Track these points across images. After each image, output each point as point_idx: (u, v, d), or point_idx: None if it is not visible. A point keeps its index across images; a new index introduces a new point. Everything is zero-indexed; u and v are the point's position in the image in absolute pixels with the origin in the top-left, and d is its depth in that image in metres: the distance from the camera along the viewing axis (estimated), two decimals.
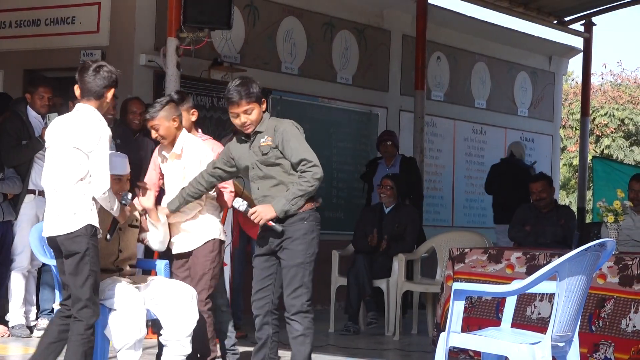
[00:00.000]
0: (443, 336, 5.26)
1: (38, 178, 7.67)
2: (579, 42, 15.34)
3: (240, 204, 5.87)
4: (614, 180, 13.83)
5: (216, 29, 9.33)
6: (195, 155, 6.25)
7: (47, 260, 6.00)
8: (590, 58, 15.10)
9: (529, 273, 6.82)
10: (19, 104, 8.29)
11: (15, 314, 8.13)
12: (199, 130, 6.81)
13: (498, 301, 7.46)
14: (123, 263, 6.07)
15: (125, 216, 5.83)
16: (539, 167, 12.75)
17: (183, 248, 6.31)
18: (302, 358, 5.75)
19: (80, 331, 5.39)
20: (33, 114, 8.20)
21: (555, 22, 14.58)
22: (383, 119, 12.68)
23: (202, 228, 6.27)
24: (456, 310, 5.28)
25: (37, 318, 8.26)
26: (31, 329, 8.14)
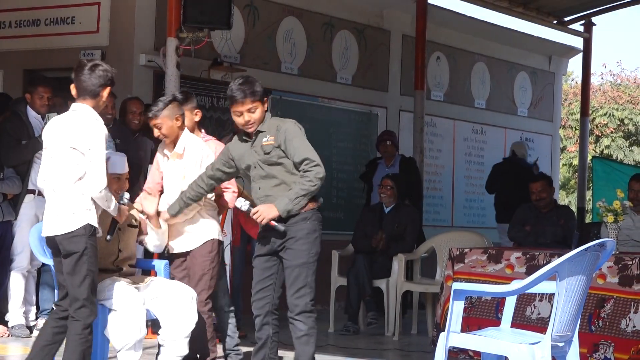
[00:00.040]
0: (443, 336, 5.25)
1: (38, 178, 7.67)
2: (579, 42, 15.34)
3: (242, 204, 5.87)
4: (614, 180, 13.82)
5: (216, 29, 9.33)
6: (196, 155, 6.25)
7: (47, 260, 6.00)
8: (589, 58, 15.08)
9: (529, 273, 6.81)
10: (19, 104, 8.29)
11: (14, 314, 8.12)
12: (202, 130, 6.80)
13: (498, 301, 7.46)
14: (123, 263, 6.07)
15: (124, 215, 5.83)
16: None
17: (181, 248, 6.31)
18: (307, 358, 5.75)
19: (77, 331, 5.40)
20: (33, 114, 8.20)
21: (554, 22, 14.57)
22: (383, 119, 12.68)
23: (201, 228, 6.27)
24: (456, 310, 5.28)
25: (37, 318, 8.26)
26: (31, 329, 8.13)
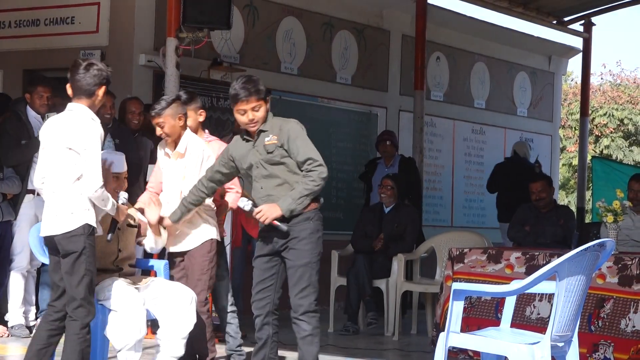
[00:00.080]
0: (442, 336, 5.25)
1: None
2: (579, 42, 15.34)
3: (245, 204, 5.85)
4: (614, 180, 13.82)
5: (216, 29, 9.34)
6: (198, 156, 6.23)
7: (47, 260, 5.98)
8: (589, 58, 15.09)
9: (529, 273, 6.81)
10: (19, 104, 8.29)
11: (14, 314, 8.12)
12: (206, 130, 6.78)
13: (497, 301, 7.46)
14: (122, 263, 6.07)
15: (123, 215, 5.83)
16: None
17: (180, 248, 6.30)
18: (311, 358, 5.74)
19: (75, 330, 5.39)
20: (32, 114, 8.20)
21: (554, 22, 14.57)
22: (382, 119, 12.68)
23: (199, 229, 6.26)
24: (455, 310, 5.27)
25: (37, 318, 8.25)
26: (30, 329, 8.12)
